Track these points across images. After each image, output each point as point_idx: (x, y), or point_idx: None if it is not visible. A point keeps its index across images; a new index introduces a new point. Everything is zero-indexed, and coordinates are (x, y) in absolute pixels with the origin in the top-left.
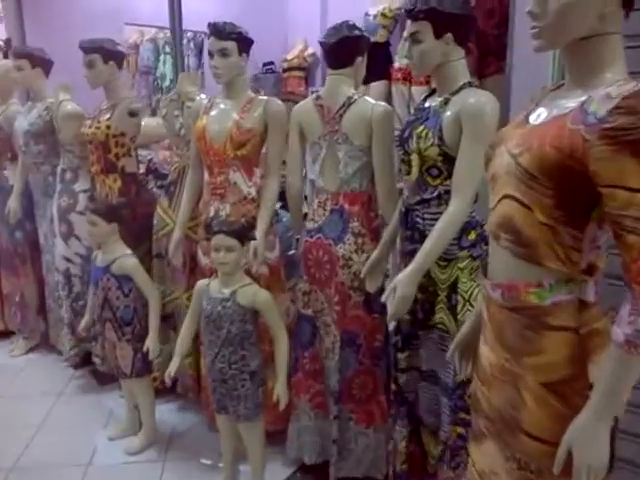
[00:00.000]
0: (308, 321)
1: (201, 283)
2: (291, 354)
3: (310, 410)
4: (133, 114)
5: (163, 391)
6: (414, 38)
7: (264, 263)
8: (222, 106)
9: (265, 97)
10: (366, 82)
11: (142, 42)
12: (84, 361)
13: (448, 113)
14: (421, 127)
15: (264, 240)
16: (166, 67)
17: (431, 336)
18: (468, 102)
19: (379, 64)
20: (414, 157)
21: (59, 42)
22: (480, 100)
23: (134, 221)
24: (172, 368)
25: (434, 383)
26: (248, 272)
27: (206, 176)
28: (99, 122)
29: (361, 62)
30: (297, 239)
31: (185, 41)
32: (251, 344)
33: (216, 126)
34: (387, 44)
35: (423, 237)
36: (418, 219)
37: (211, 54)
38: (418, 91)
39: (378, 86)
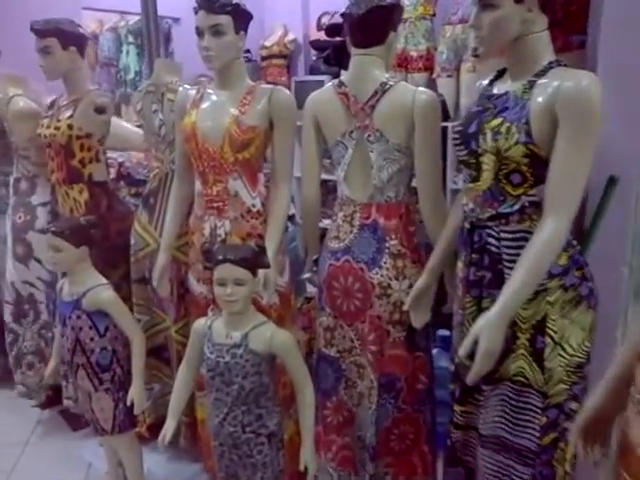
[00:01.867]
0: (331, 363)
1: (200, 324)
2: None
3: (333, 470)
4: (100, 110)
5: (149, 438)
6: (486, 2)
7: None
8: (215, 98)
9: (269, 85)
10: None
11: (102, 32)
12: (52, 400)
13: (539, 100)
14: (497, 120)
15: (275, 264)
16: (129, 58)
17: (501, 392)
18: (565, 86)
19: None
20: (487, 159)
21: (6, 28)
22: (581, 83)
23: (107, 241)
24: (167, 433)
25: (500, 451)
26: (254, 302)
27: (198, 186)
28: (59, 121)
29: (394, 38)
30: (315, 260)
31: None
32: (268, 399)
33: (209, 123)
34: None
35: (496, 262)
36: (491, 239)
37: (200, 33)
38: (418, 79)
39: None
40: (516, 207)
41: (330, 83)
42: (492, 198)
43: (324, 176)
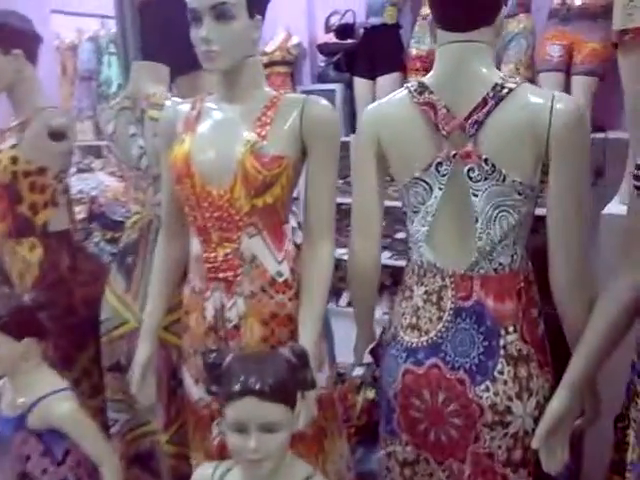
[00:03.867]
0: None
1: (204, 473)
2: None
3: None
4: (57, 136)
5: None
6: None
7: None
8: (220, 116)
9: (299, 95)
10: (372, 76)
11: (81, 42)
12: None
13: None
14: None
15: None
16: (111, 70)
17: None
18: None
19: (388, 53)
20: None
21: None
22: None
23: (70, 313)
24: None
25: None
26: None
27: (195, 246)
28: None
29: (503, 19)
30: (372, 351)
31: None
32: None
33: (212, 154)
34: (397, 26)
35: None
36: None
37: (196, 17)
38: None
39: (388, 81)
40: None
41: (403, 89)
42: None
43: (338, 199)
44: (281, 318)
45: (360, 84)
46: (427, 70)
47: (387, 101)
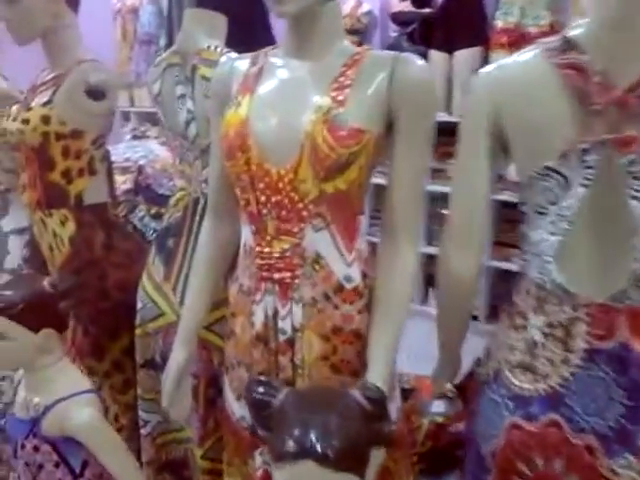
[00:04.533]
0: None
1: None
2: None
3: None
4: (96, 93)
5: None
6: None
7: None
8: (287, 74)
9: (388, 53)
10: (449, 49)
11: (142, 4)
12: None
13: None
14: None
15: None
16: None
17: None
18: None
19: (469, 24)
20: None
21: None
22: None
23: (103, 297)
24: None
25: None
26: None
27: (247, 237)
28: (29, 110)
29: None
30: (463, 384)
31: None
32: None
33: (274, 122)
34: None
35: None
36: None
37: None
38: None
39: (468, 55)
40: None
41: (535, 46)
42: None
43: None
44: (346, 333)
45: (436, 57)
46: (514, 45)
47: (512, 62)
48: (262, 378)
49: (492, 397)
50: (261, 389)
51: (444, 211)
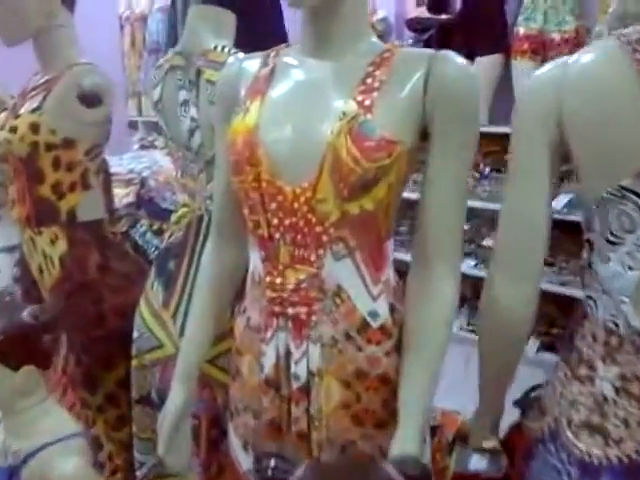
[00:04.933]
0: None
1: None
2: None
3: None
4: (89, 99)
5: None
6: None
7: None
8: (303, 75)
9: (422, 50)
10: (470, 55)
11: (151, 12)
12: None
13: None
14: None
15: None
16: None
17: None
18: None
19: (490, 30)
20: None
21: None
22: None
23: (96, 324)
24: None
25: None
26: None
27: (256, 264)
28: (17, 117)
29: None
30: (508, 439)
31: None
32: None
33: (288, 131)
34: (501, 0)
35: None
36: None
37: None
38: None
39: (488, 63)
40: None
41: (610, 38)
42: None
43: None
44: (372, 379)
45: None
46: (536, 52)
47: (580, 58)
48: (274, 451)
49: (549, 461)
50: (273, 464)
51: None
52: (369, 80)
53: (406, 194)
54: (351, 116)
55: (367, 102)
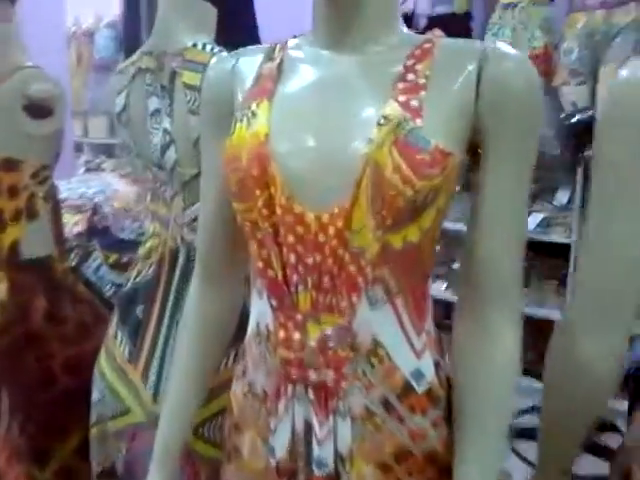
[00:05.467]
0: None
1: None
2: None
3: None
4: (37, 109)
5: None
6: None
7: None
8: (319, 71)
9: (469, 41)
10: None
11: (98, 28)
12: None
13: None
14: None
15: None
16: None
17: None
18: None
19: None
20: None
21: None
22: None
23: (44, 385)
24: None
25: None
26: None
27: (263, 313)
28: None
29: None
30: None
31: None
32: None
33: (310, 140)
34: (468, 16)
35: None
36: None
37: None
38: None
39: None
40: None
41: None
42: None
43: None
44: (416, 459)
45: None
46: None
47: None
48: None
49: None
50: None
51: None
52: (410, 76)
53: None
54: (396, 122)
55: (414, 103)
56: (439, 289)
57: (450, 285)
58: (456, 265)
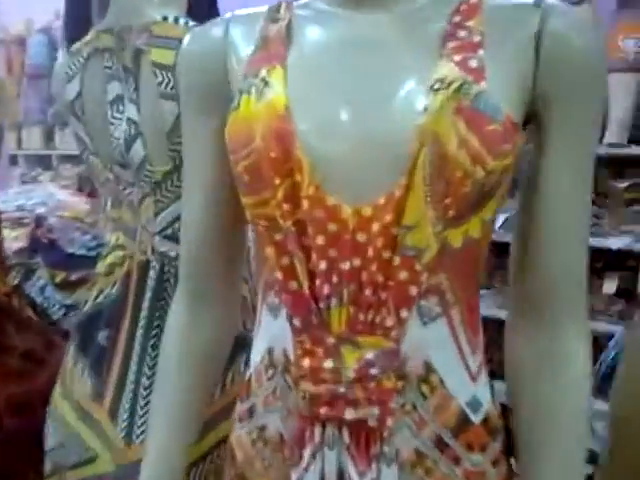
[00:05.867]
0: None
1: None
2: None
3: None
4: None
5: None
6: None
7: None
8: (337, 30)
9: None
10: None
11: (30, 34)
12: None
13: None
14: None
15: None
16: None
17: None
18: None
19: None
20: None
21: None
22: None
23: None
24: None
25: None
26: None
27: (279, 336)
28: None
29: None
30: None
31: None
32: None
33: (344, 112)
34: None
35: None
36: None
37: None
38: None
39: None
40: None
41: None
42: None
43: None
44: None
45: None
46: None
47: None
48: None
49: None
50: None
51: None
52: (462, 33)
53: None
54: (456, 85)
55: (472, 63)
56: None
57: None
58: None
